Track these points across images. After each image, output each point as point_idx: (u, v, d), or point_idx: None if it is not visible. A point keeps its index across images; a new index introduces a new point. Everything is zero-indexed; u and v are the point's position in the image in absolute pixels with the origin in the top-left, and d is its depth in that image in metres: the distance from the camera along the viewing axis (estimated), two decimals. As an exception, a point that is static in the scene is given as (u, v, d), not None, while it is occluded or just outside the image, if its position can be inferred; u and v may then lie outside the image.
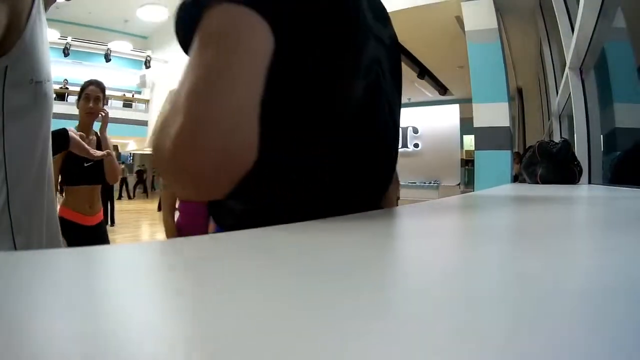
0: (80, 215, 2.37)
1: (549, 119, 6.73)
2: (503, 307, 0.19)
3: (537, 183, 2.57)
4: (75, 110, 2.43)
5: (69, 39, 11.67)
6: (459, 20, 6.48)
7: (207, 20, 0.47)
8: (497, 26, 5.49)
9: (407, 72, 10.63)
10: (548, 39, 5.94)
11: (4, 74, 0.82)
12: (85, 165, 2.33)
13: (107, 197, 7.71)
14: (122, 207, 8.40)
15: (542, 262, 0.29)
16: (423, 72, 10.86)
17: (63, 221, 2.28)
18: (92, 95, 2.39)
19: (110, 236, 2.54)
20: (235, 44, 0.45)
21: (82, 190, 2.38)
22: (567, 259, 0.32)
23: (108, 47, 13.37)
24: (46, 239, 0.98)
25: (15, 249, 0.87)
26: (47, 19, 0.99)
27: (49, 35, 0.98)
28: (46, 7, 0.95)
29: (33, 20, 0.86)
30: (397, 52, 0.83)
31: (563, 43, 3.99)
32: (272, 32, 0.48)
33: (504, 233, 0.49)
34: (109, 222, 7.94)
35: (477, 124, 5.52)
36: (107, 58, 14.04)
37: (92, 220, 2.43)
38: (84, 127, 2.37)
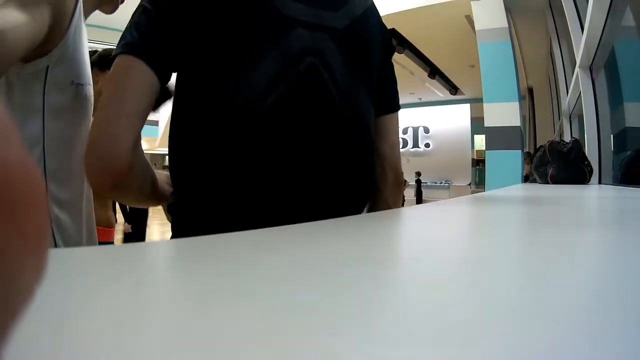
0: (103, 230, 1.81)
1: (559, 119, 6.67)
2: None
3: (548, 183, 2.55)
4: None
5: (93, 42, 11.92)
6: (469, 20, 6.45)
7: (113, 65, 0.64)
8: (507, 25, 5.45)
9: (418, 72, 10.61)
10: (558, 38, 5.89)
11: (45, 73, 0.87)
12: None
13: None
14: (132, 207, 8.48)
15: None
16: (434, 72, 10.81)
17: None
18: None
19: (120, 235, 2.16)
20: (116, 85, 0.63)
21: None
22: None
23: None
24: (85, 235, 1.02)
25: (55, 244, 0.91)
26: None
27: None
28: (85, 15, 0.99)
29: (75, 24, 0.90)
30: (360, 36, 0.78)
31: (573, 42, 3.97)
32: (156, 68, 0.63)
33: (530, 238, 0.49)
34: (127, 221, 7.93)
35: (488, 123, 5.49)
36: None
37: (112, 232, 1.97)
38: None
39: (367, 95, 0.79)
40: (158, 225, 8.53)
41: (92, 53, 1.95)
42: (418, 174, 12.72)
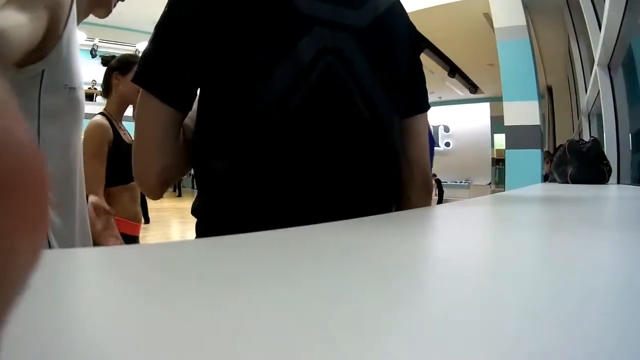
0: (131, 224, 1.88)
1: (578, 118, 6.57)
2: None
3: (567, 183, 2.50)
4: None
5: (96, 41, 11.92)
6: (488, 18, 6.39)
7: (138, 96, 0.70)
8: (525, 23, 5.39)
9: (438, 70, 10.53)
10: (576, 36, 5.79)
11: (40, 77, 0.88)
12: None
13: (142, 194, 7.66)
14: (153, 206, 8.54)
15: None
16: (453, 70, 10.71)
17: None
18: None
19: (142, 234, 2.12)
20: (138, 121, 0.70)
21: (133, 188, 1.86)
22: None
23: (136, 47, 12.94)
24: (78, 236, 1.04)
25: (50, 245, 0.92)
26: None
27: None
28: (79, 18, 1.00)
29: (69, 27, 0.91)
30: (383, 34, 0.76)
31: (591, 40, 3.90)
32: (169, 102, 0.67)
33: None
34: (144, 220, 7.89)
35: (507, 122, 5.43)
36: (135, 58, 13.65)
37: (140, 227, 1.97)
38: (120, 115, 1.88)
39: (390, 95, 0.76)
40: (179, 224, 8.61)
41: (110, 58, 1.96)
42: (433, 175, 12.63)
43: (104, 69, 1.91)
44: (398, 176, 0.81)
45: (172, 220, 9.32)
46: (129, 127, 1.81)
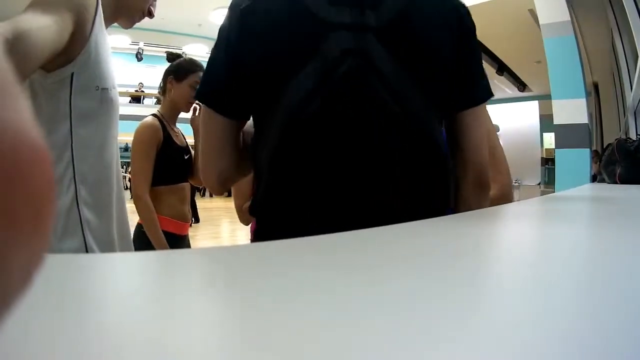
0: (179, 223, 1.88)
1: (624, 115, 6.31)
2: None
3: (616, 183, 2.45)
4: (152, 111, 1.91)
5: (141, 44, 12.17)
6: (533, 14, 6.25)
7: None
8: (569, 19, 5.24)
9: (486, 69, 10.31)
10: (619, 31, 5.54)
11: (70, 80, 0.91)
12: (186, 157, 1.88)
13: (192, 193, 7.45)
14: (203, 206, 8.76)
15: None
16: (502, 68, 10.48)
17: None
18: None
19: (192, 232, 2.07)
20: (201, 131, 0.81)
21: (182, 188, 1.89)
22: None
23: (182, 50, 12.54)
24: (117, 236, 1.06)
25: (86, 244, 0.95)
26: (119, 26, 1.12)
27: (121, 42, 1.11)
28: (106, 24, 1.03)
29: (96, 30, 0.94)
30: (410, 27, 0.73)
31: (634, 35, 3.78)
32: (226, 114, 0.77)
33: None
34: (194, 220, 7.85)
35: (557, 121, 5.29)
36: (182, 61, 13.69)
37: (188, 227, 1.98)
38: (173, 117, 1.89)
39: (426, 90, 0.74)
40: (228, 224, 8.78)
41: (176, 56, 1.95)
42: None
43: (151, 72, 1.97)
44: (447, 174, 0.79)
45: (221, 219, 9.50)
46: (185, 130, 1.98)
